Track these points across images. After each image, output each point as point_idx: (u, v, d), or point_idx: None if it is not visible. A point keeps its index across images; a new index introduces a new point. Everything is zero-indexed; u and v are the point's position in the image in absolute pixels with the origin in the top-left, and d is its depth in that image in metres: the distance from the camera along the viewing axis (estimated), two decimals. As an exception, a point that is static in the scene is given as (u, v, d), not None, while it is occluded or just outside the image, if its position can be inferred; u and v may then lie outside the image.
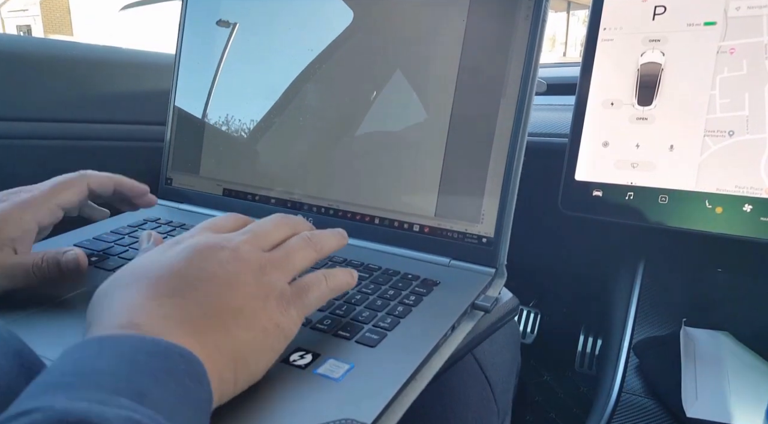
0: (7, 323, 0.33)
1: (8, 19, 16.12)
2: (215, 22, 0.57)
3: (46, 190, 0.39)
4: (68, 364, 0.21)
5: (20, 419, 0.17)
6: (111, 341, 0.22)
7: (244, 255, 0.29)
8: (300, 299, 0.30)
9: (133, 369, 0.21)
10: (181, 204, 0.58)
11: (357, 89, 0.49)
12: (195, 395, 0.22)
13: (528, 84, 0.41)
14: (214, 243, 0.29)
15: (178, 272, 0.27)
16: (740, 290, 0.63)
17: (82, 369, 0.21)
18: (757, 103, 0.51)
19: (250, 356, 0.26)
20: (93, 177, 0.42)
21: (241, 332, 0.26)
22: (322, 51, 0.50)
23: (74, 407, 0.18)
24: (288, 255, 0.31)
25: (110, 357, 0.21)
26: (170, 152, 0.60)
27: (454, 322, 0.35)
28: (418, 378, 0.30)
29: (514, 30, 0.42)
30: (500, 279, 0.42)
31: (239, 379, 0.26)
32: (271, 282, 0.29)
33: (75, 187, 0.40)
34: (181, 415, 0.21)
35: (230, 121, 0.56)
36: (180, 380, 0.22)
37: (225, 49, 0.57)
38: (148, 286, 0.26)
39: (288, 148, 0.52)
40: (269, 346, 0.27)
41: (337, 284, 0.33)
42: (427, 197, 0.45)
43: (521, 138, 0.41)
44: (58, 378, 0.20)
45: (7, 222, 0.35)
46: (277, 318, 0.28)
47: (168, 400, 0.21)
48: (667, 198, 0.55)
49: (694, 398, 0.52)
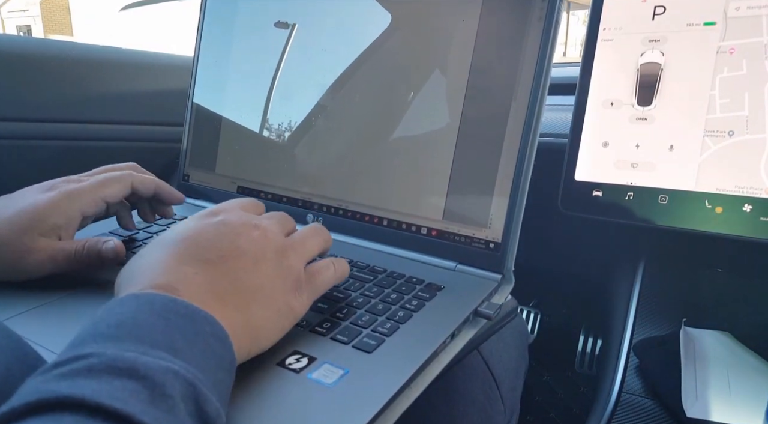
0: (11, 317, 0.34)
1: (8, 19, 16.12)
2: (232, 23, 0.58)
3: (95, 183, 0.41)
4: (111, 317, 0.24)
5: (80, 361, 0.20)
6: (146, 298, 0.25)
7: (270, 236, 0.32)
8: (311, 284, 0.33)
9: (167, 326, 0.24)
10: (197, 200, 0.59)
11: (369, 91, 0.49)
12: (220, 354, 0.25)
13: (540, 87, 0.40)
14: (247, 221, 0.32)
15: (213, 242, 0.30)
16: (740, 290, 0.63)
17: (125, 322, 0.23)
18: (757, 103, 0.51)
19: (261, 332, 0.29)
20: (138, 176, 0.44)
21: (259, 309, 0.29)
22: (335, 52, 0.51)
23: (123, 355, 0.21)
24: (304, 241, 0.34)
25: (146, 313, 0.24)
26: (188, 149, 0.61)
27: (454, 329, 0.35)
28: (413, 386, 0.30)
29: (527, 32, 0.41)
30: (507, 285, 0.41)
31: (252, 349, 0.28)
32: (289, 265, 0.32)
33: (121, 184, 0.42)
34: (209, 369, 0.23)
35: (245, 120, 0.57)
36: (206, 341, 0.24)
37: (242, 49, 0.57)
38: (185, 249, 0.29)
39: (300, 149, 0.53)
40: (280, 325, 0.30)
41: (342, 272, 0.36)
42: (435, 200, 0.45)
43: (531, 143, 0.40)
44: (104, 330, 0.23)
45: (54, 210, 0.38)
46: (290, 300, 0.31)
47: (197, 356, 0.23)
48: (666, 198, 0.55)
49: (694, 398, 0.52)
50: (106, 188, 0.41)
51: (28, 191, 0.40)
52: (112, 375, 0.20)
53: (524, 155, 0.41)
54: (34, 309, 0.35)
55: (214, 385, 0.23)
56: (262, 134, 0.55)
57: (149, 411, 0.19)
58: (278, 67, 0.54)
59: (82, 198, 0.39)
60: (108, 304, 0.25)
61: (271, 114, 0.55)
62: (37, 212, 0.37)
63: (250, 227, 0.32)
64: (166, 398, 0.20)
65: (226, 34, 0.58)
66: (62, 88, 0.73)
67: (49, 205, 0.38)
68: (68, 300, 0.37)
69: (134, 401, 0.19)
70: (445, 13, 0.45)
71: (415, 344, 0.32)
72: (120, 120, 0.78)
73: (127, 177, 0.43)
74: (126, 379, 0.20)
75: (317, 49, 0.52)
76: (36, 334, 0.32)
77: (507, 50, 0.42)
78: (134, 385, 0.20)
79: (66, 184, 0.40)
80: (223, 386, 0.24)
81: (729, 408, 0.51)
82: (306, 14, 0.53)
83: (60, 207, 0.38)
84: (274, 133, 0.54)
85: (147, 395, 0.20)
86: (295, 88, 0.53)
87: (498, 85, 0.42)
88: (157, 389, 0.20)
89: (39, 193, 0.39)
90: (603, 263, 0.77)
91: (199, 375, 0.22)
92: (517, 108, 0.41)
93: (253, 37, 0.56)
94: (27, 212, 0.37)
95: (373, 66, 0.49)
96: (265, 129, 0.55)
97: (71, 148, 0.74)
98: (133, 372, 0.20)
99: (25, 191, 0.40)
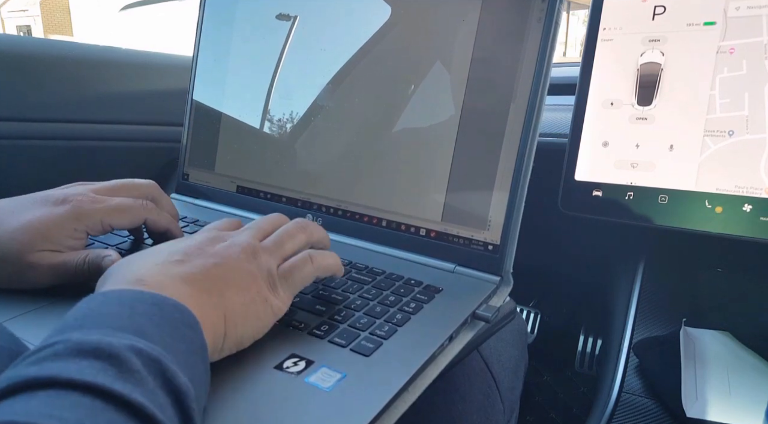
0: (9, 319, 0.34)
1: (8, 19, 16.12)
2: (231, 23, 0.58)
3: (107, 208, 0.40)
4: (78, 311, 0.25)
5: (45, 350, 0.21)
6: (113, 294, 0.26)
7: (239, 242, 0.33)
8: (287, 280, 0.33)
9: (133, 313, 0.24)
10: (196, 199, 0.59)
11: (368, 90, 0.49)
12: (189, 338, 0.25)
13: (539, 88, 0.40)
14: (217, 235, 0.34)
15: (186, 250, 0.32)
16: (740, 290, 0.63)
17: (90, 314, 0.24)
18: (757, 103, 0.51)
19: (239, 318, 0.30)
20: (153, 213, 0.43)
21: (234, 296, 0.30)
22: (334, 51, 0.51)
23: (88, 338, 0.22)
24: (279, 240, 0.35)
25: (113, 305, 0.25)
26: (187, 149, 0.61)
27: (452, 332, 0.34)
28: (411, 390, 0.30)
29: (527, 32, 0.41)
30: (505, 287, 0.41)
31: (229, 336, 0.29)
32: (260, 263, 0.33)
33: (133, 217, 0.42)
34: (178, 351, 0.24)
35: (245, 119, 0.57)
36: (175, 326, 0.25)
37: (242, 49, 0.57)
38: (155, 253, 0.31)
39: (300, 148, 0.53)
40: (256, 314, 0.31)
41: (325, 265, 0.36)
42: (434, 201, 0.45)
43: (531, 143, 0.40)
44: (71, 322, 0.24)
45: (60, 230, 0.38)
46: (265, 294, 0.31)
47: (164, 338, 0.24)
48: (666, 198, 0.55)
49: (694, 398, 0.52)
50: (117, 218, 0.40)
51: (38, 199, 0.39)
52: (79, 356, 0.21)
53: (524, 156, 0.41)
54: (32, 311, 0.35)
55: (185, 366, 0.24)
56: (262, 134, 0.55)
57: (118, 384, 0.20)
58: (277, 66, 0.54)
59: (91, 219, 0.39)
60: (77, 303, 0.25)
61: (270, 113, 0.55)
62: (42, 228, 0.37)
63: (217, 240, 0.33)
64: (133, 372, 0.21)
65: (226, 34, 0.58)
66: (62, 88, 0.73)
67: (56, 223, 0.37)
68: (67, 302, 0.36)
69: (103, 375, 0.20)
70: (444, 13, 0.45)
71: (413, 347, 0.32)
72: (120, 120, 0.78)
73: (141, 211, 0.42)
74: (92, 359, 0.21)
75: (316, 49, 0.52)
76: (35, 336, 0.32)
77: (507, 50, 0.42)
78: (101, 363, 0.20)
79: (79, 199, 0.39)
80: (195, 368, 0.25)
81: (729, 408, 0.51)
82: (305, 14, 0.53)
83: (66, 228, 0.38)
84: (273, 133, 0.54)
85: (115, 371, 0.20)
86: (294, 87, 0.53)
87: (497, 86, 0.42)
88: (123, 365, 0.21)
89: (49, 206, 0.38)
90: (603, 263, 0.77)
91: (165, 353, 0.23)
92: (517, 108, 0.41)
93: (253, 36, 0.56)
94: (32, 228, 0.36)
95: (372, 67, 0.49)
96: (265, 128, 0.55)
97: (71, 148, 0.74)
98: (99, 352, 0.21)
99: (35, 198, 0.39)
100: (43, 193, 0.40)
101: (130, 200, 0.42)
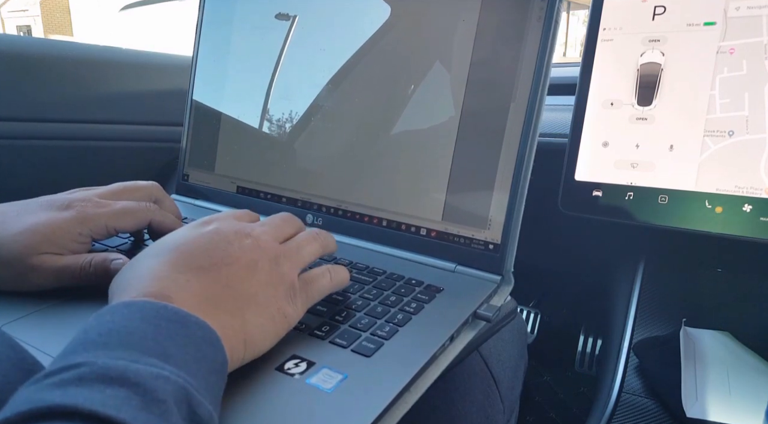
0: (9, 322, 0.34)
1: (8, 19, 16.12)
2: (231, 23, 0.58)
3: (111, 213, 0.40)
4: (102, 325, 0.24)
5: (70, 371, 0.20)
6: (136, 306, 0.25)
7: (263, 244, 0.32)
8: (305, 291, 0.33)
9: (157, 333, 0.24)
10: (196, 200, 0.59)
11: (368, 91, 0.49)
12: (212, 357, 0.25)
13: (539, 88, 0.40)
14: (239, 229, 0.33)
15: (206, 250, 0.30)
16: (740, 290, 0.63)
17: (115, 329, 0.23)
18: (757, 103, 0.51)
19: (255, 338, 0.29)
20: (158, 216, 0.42)
21: (253, 316, 0.29)
22: (334, 52, 0.51)
23: (114, 364, 0.21)
24: (299, 248, 0.35)
25: (137, 321, 0.24)
26: (187, 149, 0.61)
27: (453, 332, 0.34)
28: (413, 390, 0.30)
29: (527, 32, 0.41)
30: (506, 286, 0.41)
31: (247, 354, 0.29)
32: (283, 273, 0.32)
33: (138, 219, 0.41)
34: (200, 373, 0.24)
35: (245, 119, 0.57)
36: (198, 345, 0.25)
37: (241, 49, 0.57)
38: (177, 257, 0.30)
39: (299, 149, 0.53)
40: (274, 331, 0.30)
41: (339, 280, 0.36)
42: (434, 201, 0.45)
43: (531, 143, 0.40)
44: (95, 338, 0.23)
45: (64, 234, 0.37)
46: (284, 307, 0.31)
47: (188, 361, 0.24)
48: (666, 198, 0.55)
49: (694, 398, 0.52)
50: (122, 221, 0.40)
51: (42, 204, 0.39)
52: (104, 383, 0.20)
53: (524, 156, 0.41)
54: (32, 314, 0.35)
55: (206, 389, 0.23)
56: (262, 134, 0.55)
57: (141, 416, 0.19)
58: (277, 66, 0.54)
59: (95, 223, 0.39)
60: (99, 312, 0.25)
61: (270, 114, 0.55)
62: (46, 231, 0.36)
63: (242, 235, 0.32)
64: (158, 403, 0.20)
65: (225, 34, 0.58)
66: (62, 88, 0.73)
67: (61, 227, 0.37)
68: (67, 304, 0.37)
69: (127, 407, 0.19)
70: (444, 13, 0.45)
71: (414, 348, 0.32)
72: (120, 120, 0.78)
73: (146, 214, 0.42)
74: (117, 387, 0.20)
75: (316, 49, 0.52)
76: (34, 338, 0.32)
77: (506, 50, 0.42)
78: (126, 392, 0.20)
79: (83, 204, 0.39)
80: (215, 389, 0.25)
81: (729, 408, 0.51)
82: (305, 14, 0.53)
83: (70, 232, 0.37)
84: (273, 133, 0.54)
85: (139, 401, 0.20)
86: (294, 87, 0.53)
87: (497, 86, 0.42)
88: (148, 395, 0.20)
89: (53, 211, 0.38)
90: (603, 263, 0.77)
91: (191, 380, 0.23)
92: (517, 108, 0.41)
93: (252, 36, 0.56)
94: (36, 231, 0.36)
95: (371, 67, 0.49)
96: (265, 129, 0.55)
97: (71, 148, 0.74)
98: (124, 380, 0.20)
99: (39, 203, 0.39)
100: (47, 198, 0.40)
101: (134, 203, 0.42)
